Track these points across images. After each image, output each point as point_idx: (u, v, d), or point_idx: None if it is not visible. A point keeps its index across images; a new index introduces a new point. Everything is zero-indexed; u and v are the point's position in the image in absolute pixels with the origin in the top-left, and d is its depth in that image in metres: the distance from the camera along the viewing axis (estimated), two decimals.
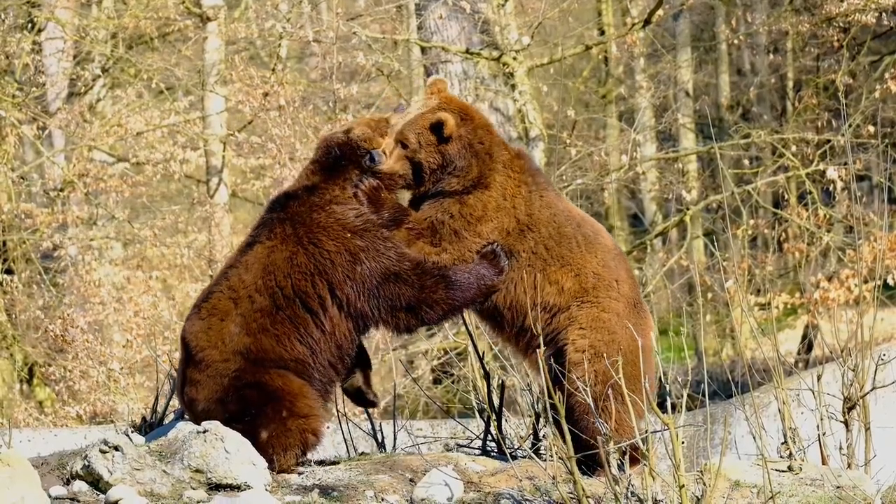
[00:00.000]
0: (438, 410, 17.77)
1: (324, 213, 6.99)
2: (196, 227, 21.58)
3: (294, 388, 6.87)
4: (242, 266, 7.01)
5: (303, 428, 6.86)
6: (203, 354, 6.93)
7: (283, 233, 6.98)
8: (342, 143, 7.13)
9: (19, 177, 20.55)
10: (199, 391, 6.94)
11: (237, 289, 6.95)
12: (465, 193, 7.08)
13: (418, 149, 7.06)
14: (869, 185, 25.48)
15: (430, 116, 7.07)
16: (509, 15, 19.14)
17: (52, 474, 6.94)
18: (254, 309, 6.90)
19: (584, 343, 6.94)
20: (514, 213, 7.08)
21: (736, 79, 29.04)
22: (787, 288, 22.25)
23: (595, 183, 20.56)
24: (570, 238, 7.09)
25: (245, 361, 6.86)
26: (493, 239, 7.04)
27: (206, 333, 6.95)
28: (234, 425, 6.75)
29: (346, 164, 7.11)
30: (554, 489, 6.58)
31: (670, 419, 6.17)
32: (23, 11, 21.13)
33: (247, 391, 6.84)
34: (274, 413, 6.83)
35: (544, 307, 7.04)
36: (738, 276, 9.79)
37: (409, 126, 7.09)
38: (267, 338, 6.89)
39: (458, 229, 7.05)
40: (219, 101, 21.40)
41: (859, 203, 18.06)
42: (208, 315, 6.98)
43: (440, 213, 7.07)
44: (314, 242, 6.93)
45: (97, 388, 17.95)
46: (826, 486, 6.89)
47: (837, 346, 7.62)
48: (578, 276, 7.06)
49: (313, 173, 7.17)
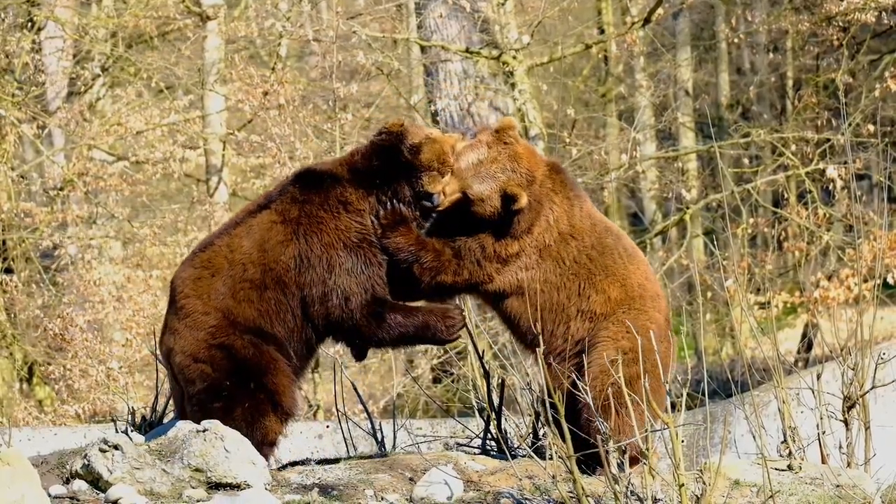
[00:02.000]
0: (438, 409, 17.78)
1: (329, 216, 6.98)
2: (196, 225, 21.55)
3: (264, 362, 6.91)
4: (245, 228, 7.04)
5: (273, 400, 6.89)
6: (186, 302, 6.98)
7: (288, 213, 7.00)
8: (403, 162, 7.01)
9: (19, 176, 20.54)
10: (175, 340, 6.99)
11: (235, 251, 6.99)
12: (508, 237, 7.08)
13: (479, 204, 7.01)
14: (869, 184, 25.49)
15: (504, 186, 6.98)
16: (509, 14, 19.14)
17: (52, 473, 6.94)
18: (244, 277, 6.94)
19: (626, 343, 6.96)
20: (557, 228, 7.11)
21: (736, 78, 29.03)
22: (787, 287, 22.23)
23: (595, 182, 20.54)
24: (612, 249, 7.17)
25: (224, 319, 6.90)
26: (523, 263, 7.06)
27: (195, 283, 6.99)
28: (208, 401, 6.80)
29: (383, 183, 7.01)
30: (554, 488, 6.58)
31: (670, 418, 6.17)
32: (22, 10, 21.11)
33: (215, 351, 6.88)
34: (243, 386, 6.86)
35: (589, 315, 7.07)
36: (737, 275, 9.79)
37: (479, 181, 7.00)
38: (251, 309, 6.93)
39: (481, 260, 7.06)
40: (218, 100, 21.39)
41: (859, 202, 18.06)
42: (201, 266, 7.03)
43: (473, 243, 7.07)
44: (306, 239, 6.95)
45: (97, 387, 17.95)
46: (826, 485, 6.89)
47: (837, 344, 7.61)
48: (624, 286, 7.12)
49: (344, 166, 7.11)
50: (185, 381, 6.97)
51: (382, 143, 7.05)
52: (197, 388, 6.93)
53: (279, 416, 6.95)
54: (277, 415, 6.94)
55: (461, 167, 7.03)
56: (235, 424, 6.79)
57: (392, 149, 7.02)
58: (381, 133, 7.10)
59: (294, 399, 7.00)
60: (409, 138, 7.02)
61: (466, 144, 7.14)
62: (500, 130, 7.12)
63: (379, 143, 7.07)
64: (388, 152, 7.02)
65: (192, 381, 6.96)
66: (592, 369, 6.91)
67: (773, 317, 9.17)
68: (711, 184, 23.18)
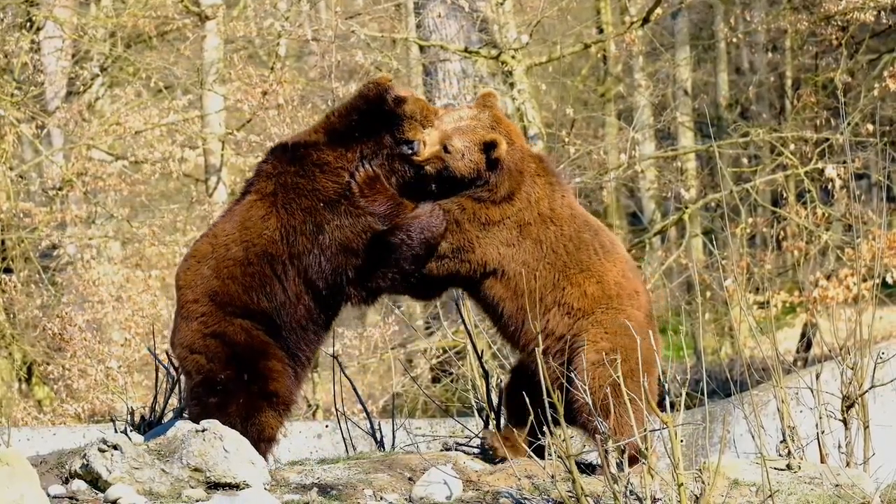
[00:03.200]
0: (437, 409, 17.77)
1: (305, 180, 6.98)
2: (195, 225, 21.53)
3: (255, 346, 6.92)
4: (228, 214, 7.14)
5: (267, 390, 6.89)
6: (180, 294, 7.05)
7: (264, 189, 7.03)
8: (385, 111, 7.02)
9: (18, 175, 20.55)
10: (175, 334, 7.05)
11: (218, 235, 7.04)
12: (489, 202, 7.09)
13: (459, 159, 7.04)
14: (868, 184, 25.50)
15: (484, 134, 7.05)
16: (508, 13, 19.13)
17: (51, 473, 6.94)
18: (227, 256, 6.97)
19: (606, 345, 6.95)
20: (537, 208, 7.12)
21: (735, 77, 29.03)
22: (786, 286, 22.23)
23: (594, 181, 20.56)
24: (588, 244, 7.16)
25: (212, 304, 6.92)
26: (503, 239, 7.06)
27: (185, 274, 7.06)
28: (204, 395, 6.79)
29: (363, 134, 7.01)
30: (553, 488, 6.58)
31: (669, 418, 6.17)
32: (21, 10, 21.11)
33: (210, 340, 6.91)
34: (237, 377, 6.86)
35: (567, 309, 7.06)
36: (736, 274, 9.79)
37: (460, 134, 7.06)
38: (235, 284, 6.94)
39: (460, 220, 7.05)
40: (217, 100, 21.39)
41: (858, 201, 18.06)
42: (190, 257, 7.11)
43: (451, 204, 7.07)
44: (286, 208, 6.96)
45: (96, 387, 17.95)
46: (825, 484, 6.89)
47: (836, 344, 7.61)
48: (601, 283, 7.10)
49: (319, 131, 7.12)
50: (185, 374, 7.01)
51: (368, 92, 7.05)
52: (194, 380, 6.95)
53: (276, 408, 6.94)
54: (274, 408, 6.94)
55: (443, 123, 7.10)
56: (231, 421, 6.79)
57: (377, 98, 7.03)
58: (368, 84, 7.12)
59: (288, 386, 6.98)
60: (395, 90, 7.06)
61: (450, 109, 7.29)
62: (483, 97, 7.24)
63: (365, 93, 7.06)
64: (372, 102, 7.03)
65: (189, 373, 6.98)
66: (579, 373, 6.90)
67: (772, 316, 9.18)
68: (710, 183, 23.19)
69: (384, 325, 18.52)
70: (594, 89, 26.02)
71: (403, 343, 19.04)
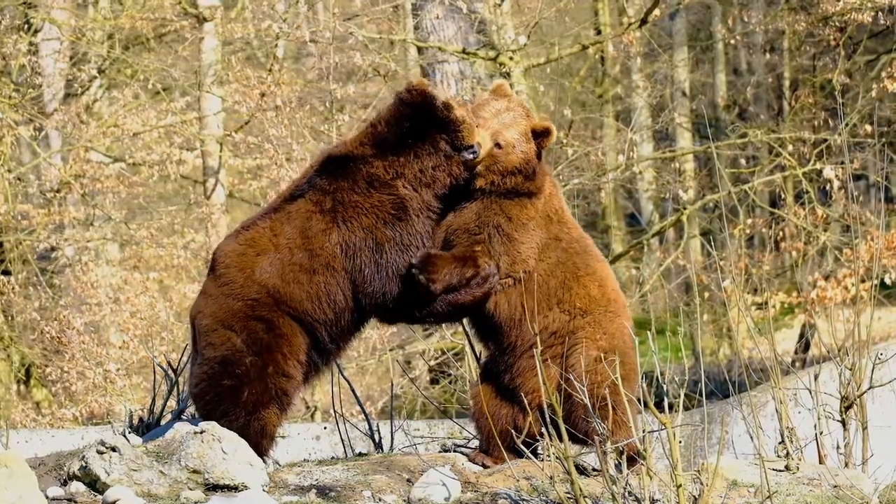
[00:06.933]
0: (436, 410, 17.76)
1: (361, 197, 6.99)
2: (193, 227, 21.56)
3: (296, 345, 6.96)
4: (285, 214, 7.07)
5: (281, 387, 6.90)
6: (227, 271, 7.00)
7: (322, 205, 7.02)
8: (438, 118, 6.95)
9: (16, 177, 20.54)
10: (208, 304, 7.00)
11: (278, 234, 7.01)
12: (526, 196, 7.09)
13: (511, 151, 7.03)
14: (866, 184, 25.53)
15: (534, 122, 7.07)
16: (506, 14, 19.13)
17: (50, 475, 6.94)
18: (292, 261, 6.96)
19: (604, 344, 6.97)
20: (552, 204, 7.15)
21: (732, 78, 29.05)
22: (785, 287, 22.24)
23: (592, 182, 20.56)
24: (590, 248, 7.21)
25: (268, 296, 6.92)
26: (538, 238, 7.07)
27: (239, 257, 7.01)
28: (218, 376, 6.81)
29: (416, 140, 6.98)
30: (551, 489, 6.58)
31: (668, 419, 6.17)
32: (19, 12, 21.12)
33: (253, 323, 6.89)
34: (263, 366, 6.85)
35: (568, 308, 7.07)
36: (734, 275, 9.80)
37: (506, 128, 7.04)
38: (300, 290, 6.96)
39: (510, 233, 7.05)
40: (215, 102, 21.39)
41: (856, 202, 18.06)
42: (246, 245, 7.05)
43: (498, 217, 7.06)
44: (347, 225, 6.97)
45: (94, 389, 17.94)
46: (823, 485, 6.89)
47: (834, 345, 7.62)
48: (602, 286, 7.12)
49: (365, 143, 7.09)
50: (206, 345, 6.94)
51: (412, 99, 6.97)
52: (215, 353, 6.90)
53: (282, 408, 6.94)
54: (281, 407, 6.93)
55: (485, 118, 7.07)
56: (237, 410, 6.78)
57: (423, 104, 6.97)
58: (409, 91, 7.03)
59: (296, 388, 6.99)
60: (440, 95, 7.01)
61: (475, 103, 7.21)
62: (499, 87, 7.23)
63: (409, 101, 6.98)
64: (418, 108, 6.97)
65: (213, 345, 6.91)
66: (577, 370, 6.90)
67: (771, 317, 9.18)
68: (708, 184, 23.20)
69: (382, 327, 18.49)
70: (592, 90, 26.04)
71: (402, 344, 19.02)
